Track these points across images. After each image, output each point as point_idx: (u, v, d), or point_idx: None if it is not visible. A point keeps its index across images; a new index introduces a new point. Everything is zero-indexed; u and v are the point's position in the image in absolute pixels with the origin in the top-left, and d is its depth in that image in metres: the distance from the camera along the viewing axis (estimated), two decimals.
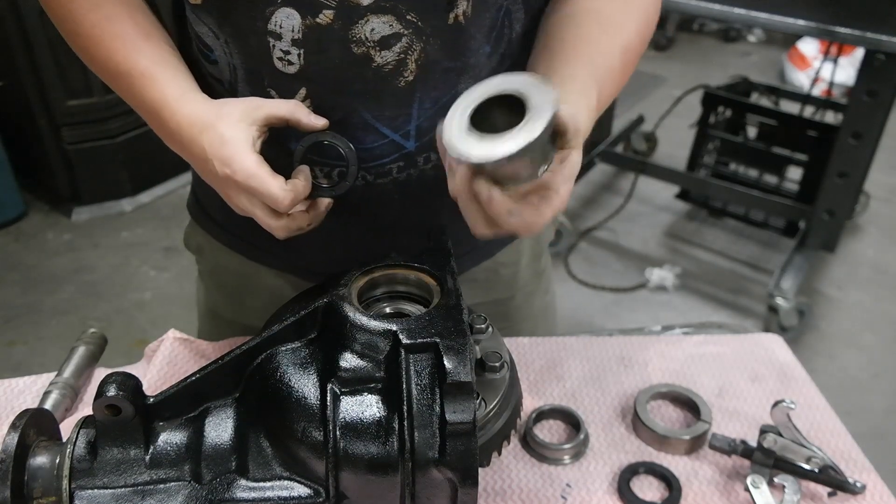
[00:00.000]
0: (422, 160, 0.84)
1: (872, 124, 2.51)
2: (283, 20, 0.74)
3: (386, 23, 0.74)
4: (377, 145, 0.81)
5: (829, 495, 0.83)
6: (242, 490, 0.66)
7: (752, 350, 1.06)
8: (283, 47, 0.75)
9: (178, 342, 0.95)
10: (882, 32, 2.22)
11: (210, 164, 0.73)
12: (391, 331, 0.65)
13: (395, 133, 0.81)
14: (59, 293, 2.78)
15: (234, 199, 0.75)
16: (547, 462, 0.87)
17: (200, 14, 0.78)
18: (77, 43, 0.81)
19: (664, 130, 3.48)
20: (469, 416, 0.60)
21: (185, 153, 0.78)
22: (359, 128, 0.80)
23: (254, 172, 0.71)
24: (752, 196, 2.88)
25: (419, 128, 0.81)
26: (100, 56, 0.79)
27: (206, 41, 0.80)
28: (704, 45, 5.35)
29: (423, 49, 0.76)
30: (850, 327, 2.75)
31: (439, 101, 0.81)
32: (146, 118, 0.80)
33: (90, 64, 0.82)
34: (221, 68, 0.82)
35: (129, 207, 3.26)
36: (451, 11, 0.75)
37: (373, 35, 0.74)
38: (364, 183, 0.84)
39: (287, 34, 0.74)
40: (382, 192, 0.85)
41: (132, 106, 0.81)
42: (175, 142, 0.78)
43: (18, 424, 0.65)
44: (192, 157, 0.77)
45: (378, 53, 0.75)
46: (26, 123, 3.02)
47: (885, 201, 3.48)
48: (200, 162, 0.75)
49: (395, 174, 0.84)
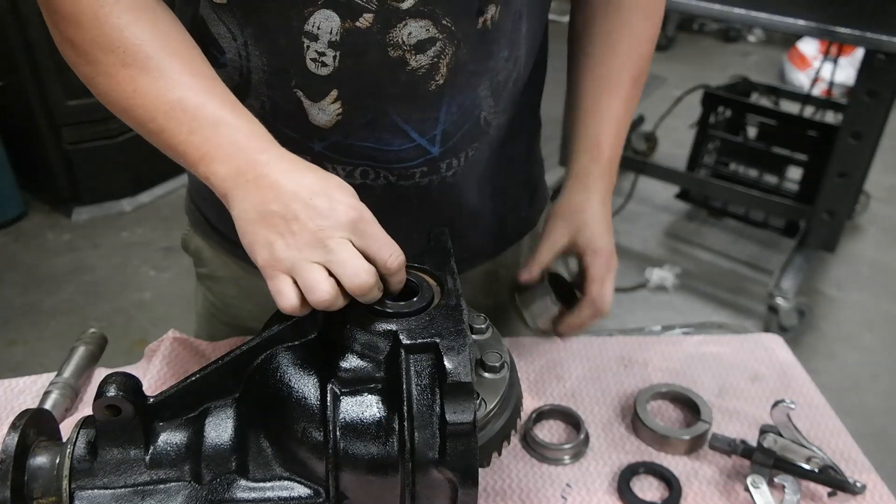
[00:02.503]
0: (444, 166, 0.85)
1: (872, 124, 2.51)
2: (322, 22, 0.73)
3: (423, 27, 0.74)
4: (404, 148, 0.82)
5: (829, 495, 0.83)
6: (242, 490, 0.66)
7: (752, 350, 1.06)
8: (318, 48, 0.75)
9: (178, 342, 0.95)
10: (882, 32, 2.22)
11: (306, 197, 0.64)
12: (391, 331, 0.65)
13: (422, 137, 0.82)
14: (59, 293, 2.78)
15: (322, 236, 0.63)
16: (547, 462, 0.87)
17: (222, 13, 0.76)
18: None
19: (664, 130, 3.48)
20: (469, 416, 0.60)
21: (247, 178, 0.66)
22: (387, 129, 0.80)
23: (374, 219, 0.65)
24: (752, 196, 2.88)
25: (444, 132, 0.82)
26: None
27: (221, 42, 0.79)
28: (704, 45, 5.36)
29: (454, 53, 0.77)
30: (850, 327, 2.75)
31: (463, 105, 0.82)
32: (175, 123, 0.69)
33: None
34: (229, 72, 0.81)
35: (129, 207, 3.26)
36: (482, 16, 0.76)
37: (409, 39, 0.75)
38: (386, 183, 0.84)
39: (324, 36, 0.74)
40: (402, 195, 0.85)
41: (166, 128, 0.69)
42: (238, 163, 0.66)
43: (18, 424, 0.65)
44: (263, 187, 0.65)
45: (413, 57, 0.76)
46: (26, 123, 3.01)
47: (885, 201, 3.48)
48: (280, 192, 0.64)
49: (418, 178, 0.85)
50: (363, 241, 0.64)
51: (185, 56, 0.71)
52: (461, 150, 0.85)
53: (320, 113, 0.79)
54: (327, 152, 0.82)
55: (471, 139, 0.86)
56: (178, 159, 0.70)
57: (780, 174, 3.02)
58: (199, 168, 0.68)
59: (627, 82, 0.93)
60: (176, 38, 0.72)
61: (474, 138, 0.86)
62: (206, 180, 0.68)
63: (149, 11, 0.70)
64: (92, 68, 0.71)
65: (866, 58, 2.37)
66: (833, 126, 2.78)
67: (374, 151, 0.82)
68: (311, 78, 0.77)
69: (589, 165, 0.94)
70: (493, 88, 0.84)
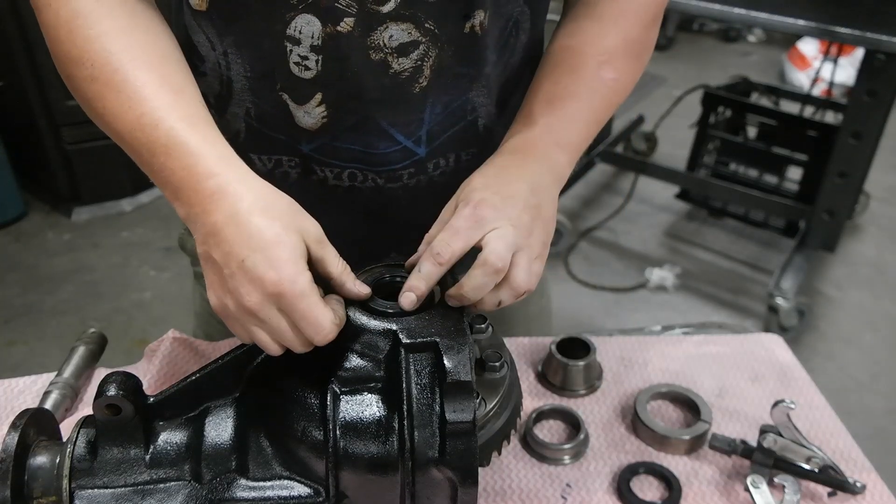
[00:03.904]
0: (431, 166, 0.85)
1: (872, 124, 2.51)
2: (304, 26, 0.73)
3: (405, 30, 0.74)
4: (390, 151, 0.82)
5: (829, 495, 0.83)
6: (242, 489, 0.66)
7: (752, 350, 1.06)
8: (300, 52, 0.75)
9: (178, 342, 0.95)
10: (882, 32, 2.22)
11: (239, 254, 0.60)
12: (391, 330, 0.65)
13: (407, 139, 0.81)
14: (59, 293, 2.78)
15: (251, 307, 0.61)
16: (547, 462, 0.87)
17: (201, 21, 0.77)
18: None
19: (664, 130, 3.48)
20: (469, 415, 0.60)
21: (195, 211, 0.63)
22: (373, 133, 0.80)
23: (307, 291, 0.61)
24: (752, 196, 2.88)
25: (430, 133, 0.82)
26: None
27: (201, 51, 0.79)
28: (704, 45, 5.36)
29: (437, 55, 0.77)
30: (850, 327, 2.74)
31: (449, 106, 0.81)
32: (146, 151, 0.66)
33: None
34: (209, 81, 0.81)
35: (129, 207, 3.26)
36: (469, 21, 0.76)
37: (391, 42, 0.74)
38: (374, 185, 0.84)
39: (306, 40, 0.74)
40: (392, 197, 0.85)
41: (139, 146, 0.67)
42: (188, 193, 0.64)
43: (18, 424, 0.65)
44: (207, 227, 0.63)
45: (395, 60, 0.76)
46: (26, 123, 3.02)
47: (885, 201, 3.48)
48: (219, 239, 0.62)
49: (406, 180, 0.85)
50: (291, 315, 0.61)
51: (156, 67, 0.67)
52: (449, 152, 0.85)
53: (306, 116, 0.79)
54: (315, 154, 0.82)
55: (464, 143, 0.85)
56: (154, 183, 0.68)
57: (780, 174, 3.02)
58: (165, 194, 0.66)
59: (593, 68, 0.80)
60: (153, 48, 0.68)
61: (468, 143, 0.86)
62: (172, 205, 0.67)
63: (128, 17, 0.68)
64: (69, 83, 0.68)
65: (866, 58, 2.37)
66: (833, 126, 2.78)
67: (362, 154, 0.82)
68: (295, 81, 0.77)
69: (513, 138, 0.78)
70: (493, 97, 0.83)
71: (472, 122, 0.85)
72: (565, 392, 0.96)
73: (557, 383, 0.96)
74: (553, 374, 0.97)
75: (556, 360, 0.96)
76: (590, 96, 0.80)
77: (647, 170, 3.12)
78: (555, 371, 0.97)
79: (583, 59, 0.80)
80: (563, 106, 0.79)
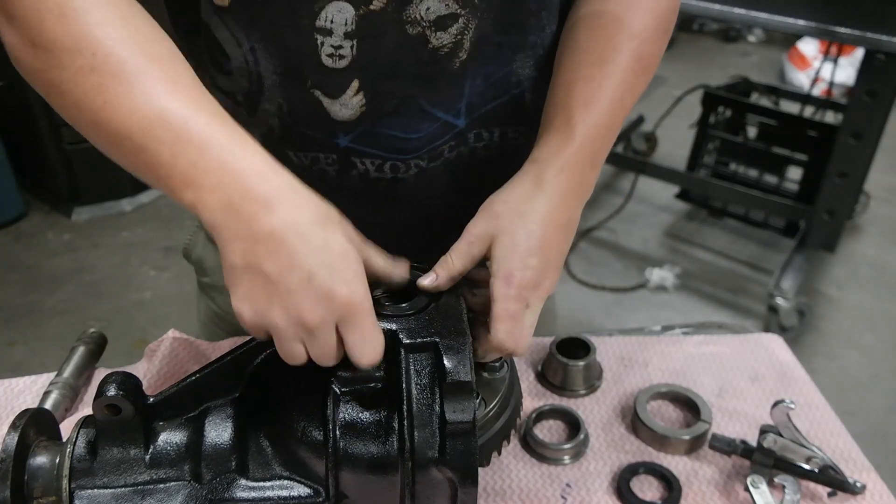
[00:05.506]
0: (473, 137, 0.82)
1: (872, 124, 2.51)
2: (335, 14, 0.70)
3: (441, 1, 0.72)
4: (432, 129, 0.79)
5: (829, 495, 0.83)
6: (242, 490, 0.66)
7: (752, 350, 1.06)
8: (333, 42, 0.72)
9: (178, 342, 0.95)
10: (882, 32, 2.22)
11: (305, 267, 0.57)
12: (391, 330, 0.65)
13: (446, 113, 0.79)
14: (59, 293, 2.78)
15: (311, 323, 0.58)
16: (547, 462, 0.87)
17: (225, 17, 0.73)
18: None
19: (664, 130, 3.48)
20: (469, 415, 0.60)
21: (239, 217, 0.58)
22: (413, 115, 0.78)
23: (372, 310, 0.59)
24: (752, 196, 2.88)
25: (469, 105, 0.80)
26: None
27: (226, 48, 0.76)
28: (704, 45, 5.36)
29: (477, 26, 0.74)
30: (850, 327, 2.75)
31: (491, 77, 0.79)
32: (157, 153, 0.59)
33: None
34: (236, 79, 0.78)
35: (129, 207, 3.26)
36: None
37: (428, 14, 0.72)
38: (418, 170, 0.82)
39: (339, 28, 0.71)
40: (433, 178, 0.83)
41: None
42: (230, 195, 0.58)
43: (18, 424, 0.65)
44: (256, 235, 0.57)
45: (434, 35, 0.73)
46: (26, 123, 3.02)
47: (885, 201, 3.48)
48: (276, 249, 0.57)
49: (447, 154, 0.82)
50: (347, 331, 0.60)
51: (166, 61, 0.61)
52: (493, 126, 0.82)
53: (342, 108, 0.76)
54: (355, 145, 0.78)
55: (510, 119, 0.82)
56: (158, 184, 0.61)
57: (780, 174, 3.03)
58: (184, 195, 0.59)
59: (628, 57, 0.77)
60: (157, 42, 0.63)
61: (514, 119, 0.83)
62: (192, 209, 0.60)
63: (126, 5, 0.63)
64: (55, 75, 0.60)
65: (866, 58, 2.38)
66: (833, 126, 2.78)
67: (401, 142, 0.79)
68: (328, 74, 0.74)
69: (552, 152, 0.73)
70: (540, 68, 0.80)
71: (518, 95, 0.82)
72: (565, 392, 0.96)
73: (557, 383, 0.97)
74: (553, 374, 0.97)
75: (556, 360, 0.96)
76: (622, 95, 0.76)
77: (647, 170, 3.12)
78: (555, 371, 0.97)
79: (617, 40, 0.76)
80: (600, 113, 0.74)
